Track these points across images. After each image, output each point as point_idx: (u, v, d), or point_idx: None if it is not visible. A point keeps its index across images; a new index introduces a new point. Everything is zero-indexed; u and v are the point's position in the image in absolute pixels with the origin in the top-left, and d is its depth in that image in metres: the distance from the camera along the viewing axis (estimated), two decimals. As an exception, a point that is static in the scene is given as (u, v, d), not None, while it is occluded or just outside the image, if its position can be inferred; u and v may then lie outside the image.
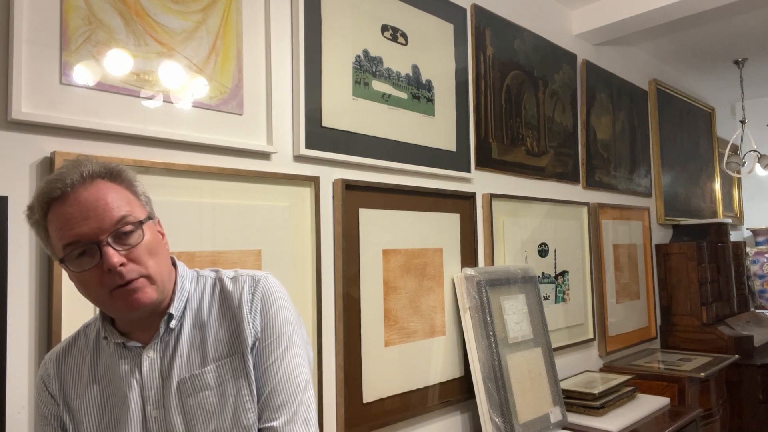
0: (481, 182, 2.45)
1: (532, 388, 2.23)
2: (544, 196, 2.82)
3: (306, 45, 1.79)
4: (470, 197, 2.35)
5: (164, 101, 1.47)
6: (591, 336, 3.03)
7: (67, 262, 0.92)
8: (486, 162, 2.48)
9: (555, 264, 2.83)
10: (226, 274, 1.07)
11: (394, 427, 1.97)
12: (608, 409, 2.43)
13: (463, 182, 2.36)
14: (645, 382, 2.87)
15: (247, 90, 1.66)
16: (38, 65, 1.28)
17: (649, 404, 2.58)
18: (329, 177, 1.86)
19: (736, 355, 3.30)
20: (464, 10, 2.42)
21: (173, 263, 1.06)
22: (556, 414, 2.27)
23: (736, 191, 5.27)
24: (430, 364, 2.11)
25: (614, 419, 2.35)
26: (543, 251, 2.76)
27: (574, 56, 3.13)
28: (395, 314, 2.00)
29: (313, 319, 1.75)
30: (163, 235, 1.02)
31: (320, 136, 1.82)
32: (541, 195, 2.79)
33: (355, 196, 1.91)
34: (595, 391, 2.43)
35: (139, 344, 1.00)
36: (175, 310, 1.01)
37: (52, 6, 1.30)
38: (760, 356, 3.56)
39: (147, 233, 0.96)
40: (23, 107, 1.25)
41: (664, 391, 2.83)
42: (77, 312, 1.26)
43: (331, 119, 1.85)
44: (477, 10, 2.49)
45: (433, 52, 2.25)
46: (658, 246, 3.78)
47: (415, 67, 2.16)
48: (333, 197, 1.86)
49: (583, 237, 3.07)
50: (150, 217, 0.99)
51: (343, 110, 1.89)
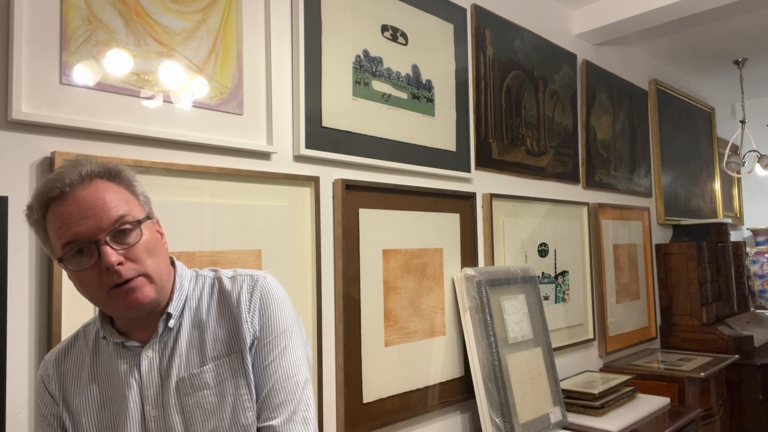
0: (481, 182, 2.45)
1: (532, 388, 2.23)
2: (544, 196, 2.82)
3: (306, 45, 1.80)
4: (470, 197, 2.35)
5: (164, 101, 1.47)
6: (591, 336, 3.03)
7: (66, 261, 0.92)
8: (486, 162, 2.48)
9: (555, 264, 2.83)
10: (225, 273, 1.07)
11: (394, 427, 1.97)
12: (608, 409, 2.43)
13: (463, 182, 2.36)
14: (645, 382, 2.87)
15: (247, 90, 1.66)
16: (38, 65, 1.28)
17: (649, 404, 2.58)
18: (329, 177, 1.86)
19: (736, 355, 3.30)
20: (464, 10, 2.43)
21: (172, 263, 1.06)
22: (556, 414, 2.27)
23: (736, 191, 5.27)
24: (430, 364, 2.11)
25: (614, 419, 2.35)
26: (543, 251, 2.76)
27: (574, 56, 3.14)
28: (395, 314, 2.00)
29: (313, 319, 1.75)
30: (161, 235, 1.03)
31: (320, 136, 1.82)
32: (541, 195, 2.79)
33: (355, 196, 1.91)
34: (595, 391, 2.43)
35: (138, 344, 1.00)
36: (173, 309, 1.01)
37: (52, 6, 1.31)
38: (760, 356, 3.56)
39: (145, 233, 0.96)
40: (23, 107, 1.25)
41: (664, 391, 2.83)
42: (77, 312, 1.26)
43: (331, 119, 1.85)
44: (477, 10, 2.49)
45: (433, 52, 2.25)
46: (658, 246, 3.78)
47: (415, 67, 2.16)
48: (333, 197, 1.86)
49: (583, 237, 3.07)
50: (149, 216, 0.99)
51: (343, 110, 1.89)
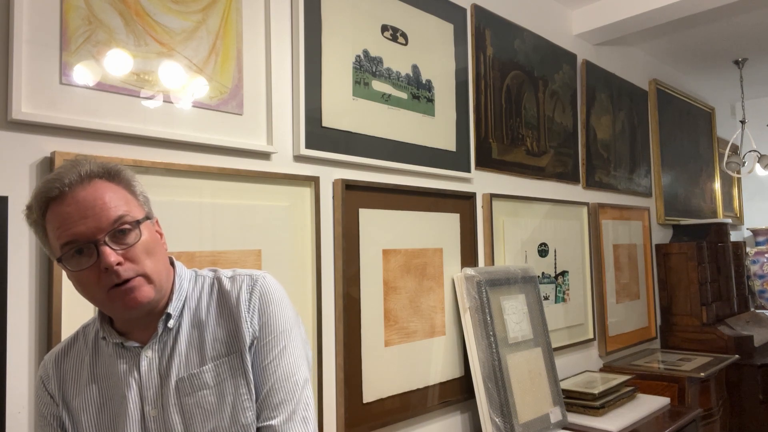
0: (481, 182, 2.45)
1: (532, 388, 2.23)
2: (544, 196, 2.82)
3: (306, 45, 1.80)
4: (470, 197, 2.35)
5: (164, 101, 1.47)
6: (591, 336, 3.03)
7: (65, 261, 0.92)
8: (486, 162, 2.48)
9: (555, 264, 2.83)
10: (224, 273, 1.07)
11: (394, 427, 1.97)
12: (608, 409, 2.43)
13: (463, 182, 2.36)
14: (645, 382, 2.87)
15: (247, 90, 1.66)
16: (38, 65, 1.28)
17: (649, 404, 2.58)
18: (329, 177, 1.86)
19: (736, 355, 3.30)
20: (464, 10, 2.43)
21: (171, 263, 1.06)
22: (556, 414, 2.27)
23: (736, 191, 5.27)
24: (430, 364, 2.11)
25: (614, 419, 2.35)
26: (543, 251, 2.76)
27: (574, 56, 3.14)
28: (395, 314, 2.00)
29: (313, 319, 1.75)
30: (161, 235, 1.03)
31: (320, 136, 1.82)
32: (541, 195, 2.79)
33: (355, 196, 1.91)
34: (595, 391, 2.43)
35: (137, 344, 1.00)
36: (173, 309, 1.01)
37: (52, 6, 1.31)
38: (760, 356, 3.56)
39: (144, 233, 0.96)
40: (23, 107, 1.25)
41: (664, 391, 2.83)
42: (77, 312, 1.26)
43: (331, 119, 1.85)
44: (477, 10, 2.49)
45: (433, 52, 2.25)
46: (658, 246, 3.78)
47: (415, 67, 2.16)
48: (333, 197, 1.86)
49: (583, 237, 3.07)
50: (148, 216, 0.99)
51: (343, 110, 1.89)
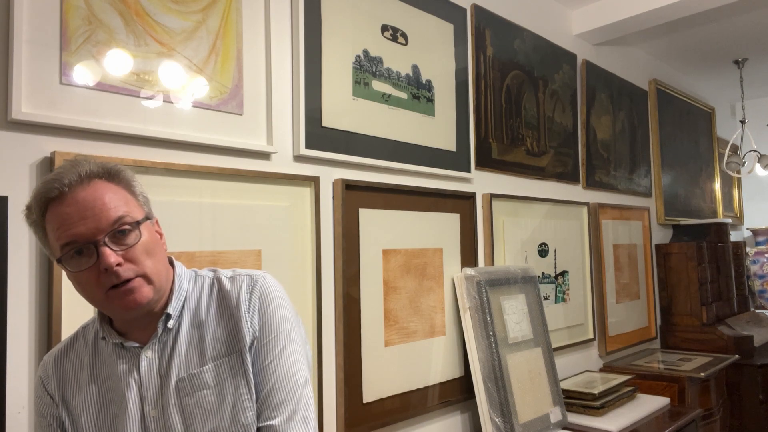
0: (481, 182, 2.45)
1: (532, 388, 2.23)
2: (544, 196, 2.82)
3: (306, 45, 1.79)
4: (470, 197, 2.35)
5: (164, 101, 1.47)
6: (591, 336, 3.03)
7: (65, 262, 0.92)
8: (486, 162, 2.48)
9: (555, 264, 2.83)
10: (224, 273, 1.07)
11: (394, 427, 1.97)
12: (608, 409, 2.43)
13: (463, 182, 2.36)
14: (645, 382, 2.87)
15: (247, 90, 1.66)
16: (38, 65, 1.28)
17: (649, 404, 2.58)
18: (329, 177, 1.86)
19: (736, 355, 3.30)
20: (464, 10, 2.43)
21: (171, 263, 1.06)
22: (556, 414, 2.27)
23: (736, 191, 5.27)
24: (430, 364, 2.11)
25: (614, 419, 2.35)
26: (543, 251, 2.76)
27: (574, 56, 3.14)
28: (395, 314, 2.00)
29: (313, 319, 1.75)
30: (161, 235, 1.02)
31: (320, 136, 1.82)
32: (541, 195, 2.79)
33: (355, 196, 1.91)
34: (595, 391, 2.43)
35: (137, 344, 1.00)
36: (172, 309, 1.01)
37: (52, 6, 1.31)
38: (760, 356, 3.56)
39: (144, 233, 0.96)
40: (23, 107, 1.25)
41: (664, 391, 2.83)
42: (77, 312, 1.26)
43: (331, 119, 1.85)
44: (477, 10, 2.49)
45: (433, 52, 2.25)
46: (658, 246, 3.77)
47: (415, 67, 2.16)
48: (333, 197, 1.86)
49: (583, 237, 3.07)
50: (148, 217, 0.98)
51: (343, 110, 1.89)
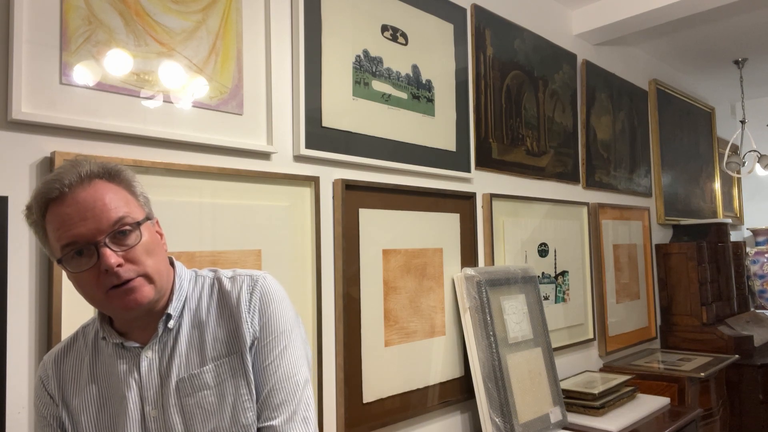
0: (481, 182, 2.45)
1: (532, 388, 2.23)
2: (544, 196, 2.82)
3: (306, 45, 1.79)
4: (470, 197, 2.35)
5: (164, 101, 1.47)
6: (591, 336, 3.03)
7: (65, 263, 0.92)
8: (486, 162, 2.48)
9: (555, 264, 2.82)
10: (225, 273, 1.07)
11: (394, 427, 1.97)
12: (608, 409, 2.43)
13: (463, 182, 2.36)
14: (645, 382, 2.87)
15: (247, 90, 1.66)
16: (38, 65, 1.28)
17: (649, 404, 2.58)
18: (329, 177, 1.86)
19: (736, 355, 3.30)
20: (464, 10, 2.42)
21: (171, 263, 1.06)
22: (556, 414, 2.27)
23: (736, 191, 5.27)
24: (430, 364, 2.11)
25: (614, 419, 2.35)
26: (543, 251, 2.76)
27: (574, 56, 3.13)
28: (395, 314, 2.00)
29: (313, 319, 1.75)
30: (161, 236, 1.02)
31: (320, 136, 1.82)
32: (541, 195, 2.79)
33: (355, 196, 1.91)
34: (595, 391, 2.43)
35: (137, 344, 1.00)
36: (173, 310, 1.01)
37: (52, 6, 1.31)
38: (760, 356, 3.56)
39: (145, 234, 0.95)
40: (23, 107, 1.25)
41: (664, 391, 2.83)
42: (77, 312, 1.26)
43: (331, 119, 1.85)
44: (477, 10, 2.49)
45: (433, 52, 2.25)
46: (658, 246, 3.78)
47: (415, 67, 2.16)
48: (333, 197, 1.86)
49: (583, 237, 3.07)
50: (148, 217, 0.98)
51: (343, 110, 1.89)
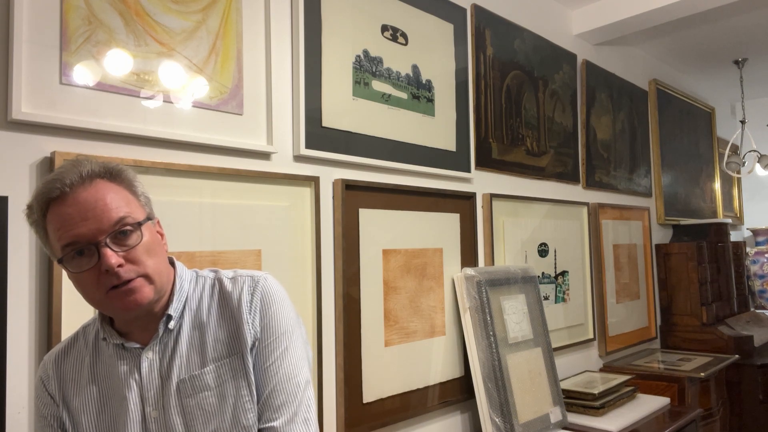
0: (481, 182, 2.45)
1: (532, 388, 2.23)
2: (544, 196, 2.82)
3: (306, 45, 1.79)
4: (470, 197, 2.35)
5: (164, 101, 1.47)
6: (591, 336, 3.03)
7: (66, 263, 0.91)
8: (486, 162, 2.48)
9: (555, 264, 2.82)
10: (225, 274, 1.07)
11: (394, 427, 1.97)
12: (608, 409, 2.43)
13: (463, 182, 2.36)
14: (645, 382, 2.87)
15: (247, 90, 1.66)
16: (38, 65, 1.28)
17: (649, 404, 2.58)
18: (329, 177, 1.86)
19: (736, 355, 3.30)
20: (464, 10, 2.42)
21: (172, 263, 1.06)
22: (556, 414, 2.27)
23: (736, 191, 5.27)
24: (430, 364, 2.11)
25: (614, 419, 2.35)
26: (543, 251, 2.75)
27: (574, 56, 3.13)
28: (395, 314, 2.00)
29: (313, 319, 1.75)
30: (162, 236, 1.02)
31: (320, 136, 1.82)
32: (541, 195, 2.79)
33: (355, 196, 1.91)
34: (595, 391, 2.43)
35: (138, 345, 1.00)
36: (173, 310, 1.00)
37: (52, 6, 1.30)
38: (760, 356, 3.56)
39: (146, 234, 0.95)
40: (23, 107, 1.25)
41: (664, 391, 2.83)
42: (77, 312, 1.26)
43: (331, 119, 1.85)
44: (477, 10, 2.49)
45: (433, 52, 2.25)
46: (658, 246, 3.78)
47: (415, 67, 2.16)
48: (333, 197, 1.86)
49: (583, 237, 3.07)
50: (149, 217, 0.98)
51: (343, 110, 1.89)
